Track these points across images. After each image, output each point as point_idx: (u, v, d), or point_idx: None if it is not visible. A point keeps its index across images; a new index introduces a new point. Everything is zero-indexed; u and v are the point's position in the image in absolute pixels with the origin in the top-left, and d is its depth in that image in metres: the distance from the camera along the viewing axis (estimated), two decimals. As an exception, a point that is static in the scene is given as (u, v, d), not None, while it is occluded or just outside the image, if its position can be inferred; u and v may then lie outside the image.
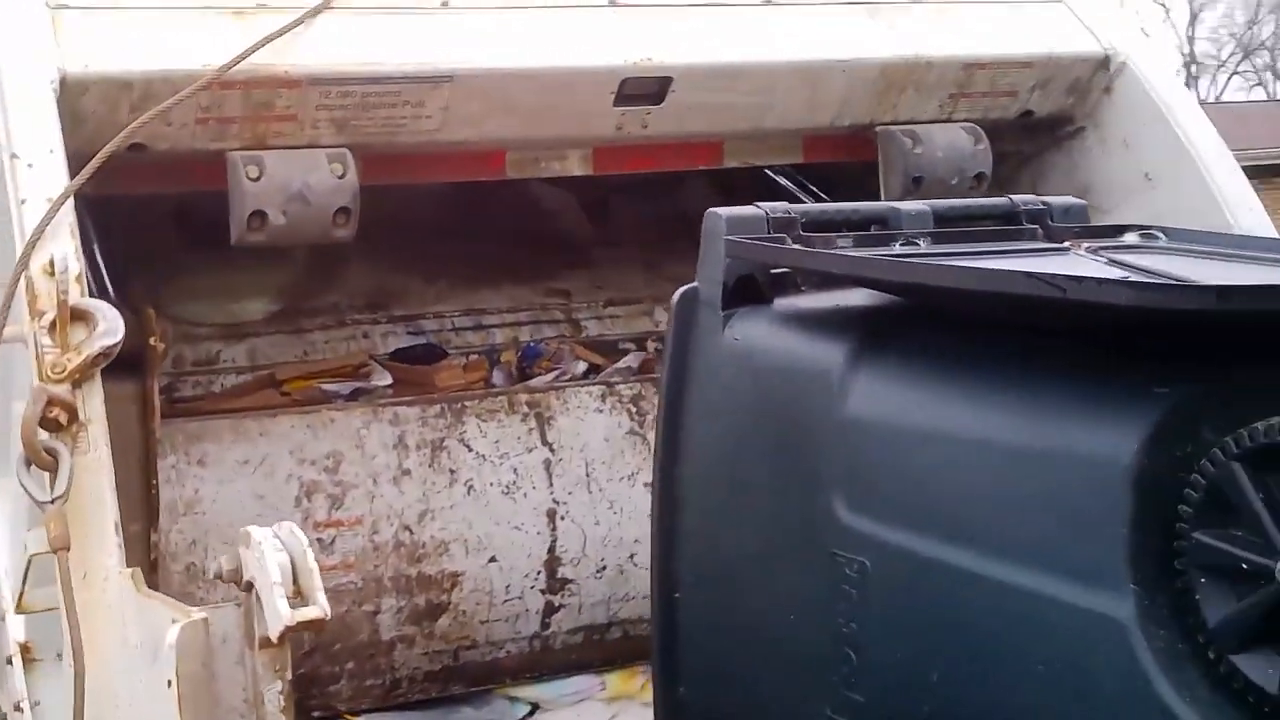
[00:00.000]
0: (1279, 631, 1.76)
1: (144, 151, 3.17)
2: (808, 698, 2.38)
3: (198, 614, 2.47)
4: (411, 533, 3.77)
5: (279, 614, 2.41)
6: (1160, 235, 2.70)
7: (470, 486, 3.83)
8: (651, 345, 4.36)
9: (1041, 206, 2.80)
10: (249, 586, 2.50)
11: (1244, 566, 1.78)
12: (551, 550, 3.91)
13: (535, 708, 4.08)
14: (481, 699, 4.02)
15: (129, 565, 2.65)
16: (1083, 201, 2.99)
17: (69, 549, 2.54)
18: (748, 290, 2.60)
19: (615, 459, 3.98)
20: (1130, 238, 2.70)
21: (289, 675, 2.50)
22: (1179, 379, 1.92)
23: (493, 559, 3.84)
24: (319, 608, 2.43)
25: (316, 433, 3.74)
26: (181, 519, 3.59)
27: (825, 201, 4.35)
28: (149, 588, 2.67)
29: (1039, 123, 4.02)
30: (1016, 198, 2.85)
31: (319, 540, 3.66)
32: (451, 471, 3.83)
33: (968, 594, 2.11)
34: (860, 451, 2.32)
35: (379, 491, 3.75)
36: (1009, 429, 2.11)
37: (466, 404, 3.92)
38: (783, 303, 2.59)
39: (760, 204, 2.67)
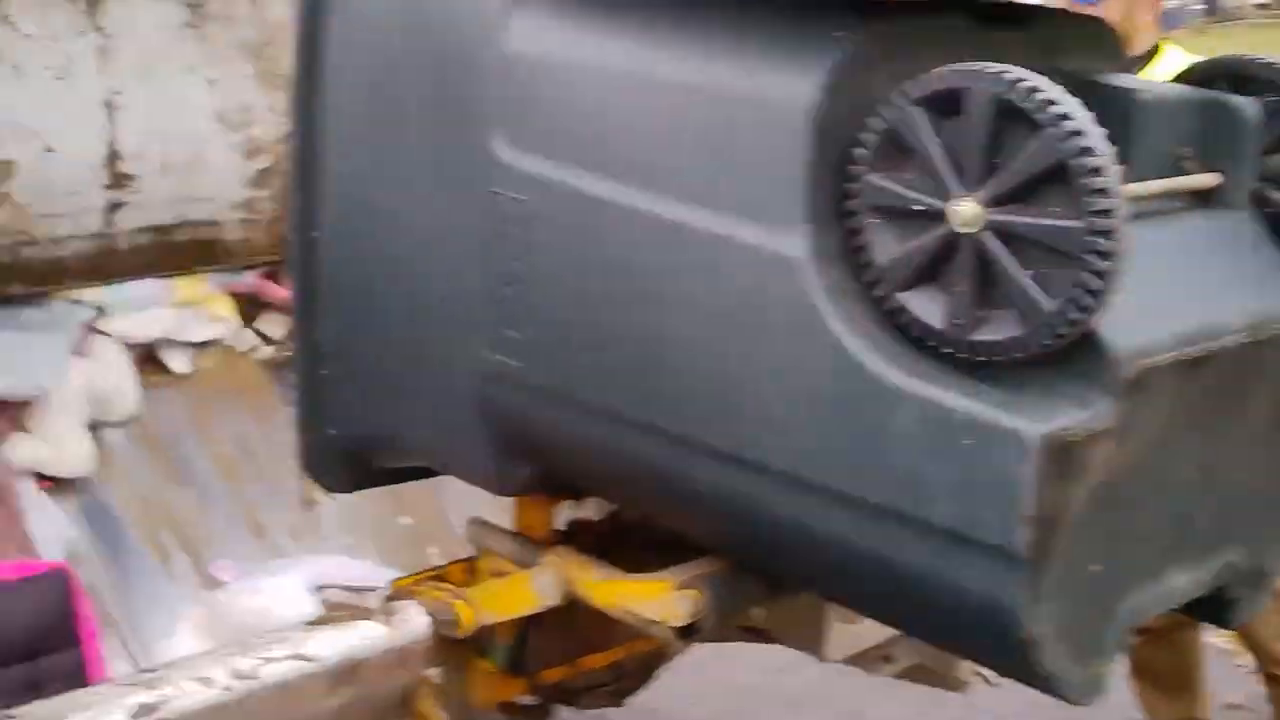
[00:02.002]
0: (943, 271, 1.82)
1: None
2: (463, 337, 2.33)
3: None
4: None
5: None
6: None
7: (17, 69, 3.60)
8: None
9: None
10: None
11: (915, 208, 1.82)
12: (111, 144, 3.74)
13: (100, 311, 3.96)
14: (43, 301, 3.87)
15: None
16: None
17: None
18: None
19: (173, 51, 3.83)
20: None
21: None
22: (861, 25, 1.95)
23: (49, 149, 3.65)
24: None
25: None
26: None
27: None
28: None
29: None
30: None
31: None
32: (-1, 50, 3.58)
33: (637, 232, 2.08)
34: (525, 85, 2.22)
35: None
36: (685, 67, 2.08)
37: None
38: None
39: None
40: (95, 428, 3.85)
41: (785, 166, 1.93)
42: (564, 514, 2.70)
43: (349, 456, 2.64)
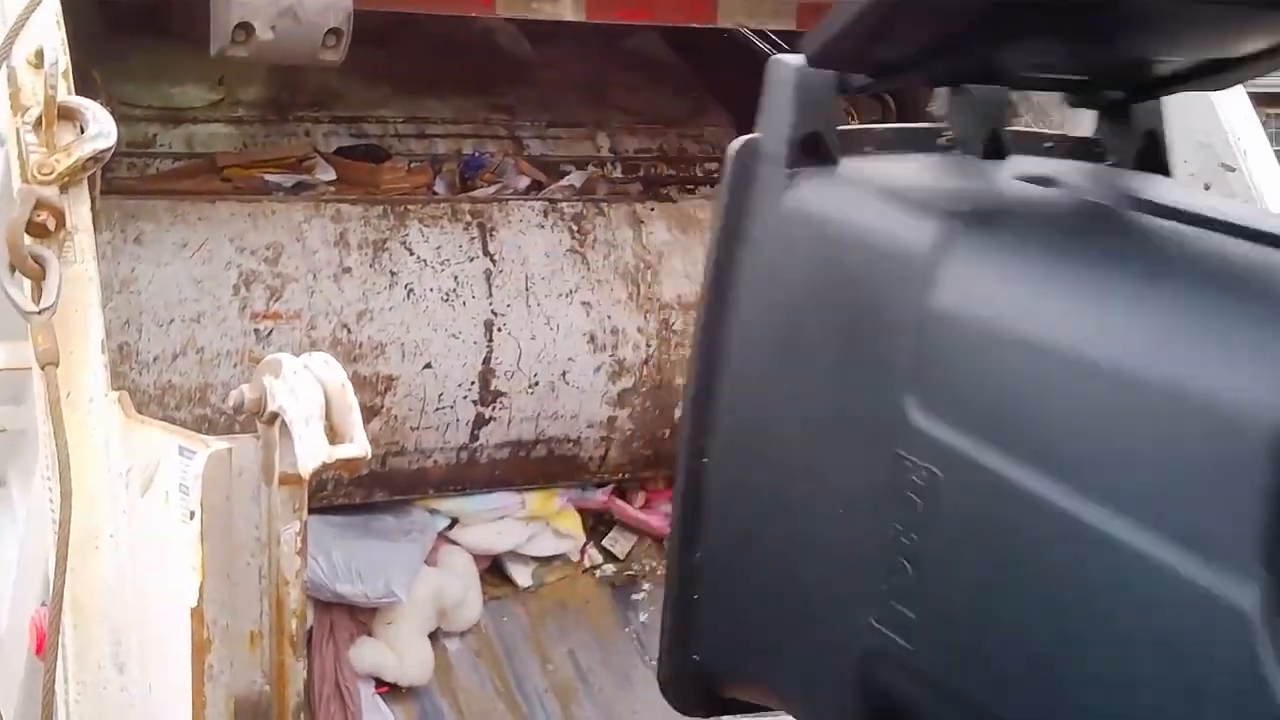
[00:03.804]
0: None
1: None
2: (850, 599, 2.11)
3: (219, 444, 2.23)
4: (349, 331, 3.64)
5: (316, 449, 2.20)
6: None
7: (410, 290, 3.72)
8: (592, 168, 4.28)
9: None
10: (273, 418, 2.29)
11: None
12: (486, 361, 3.82)
13: (455, 521, 4.03)
14: (403, 509, 3.96)
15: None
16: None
17: (58, 364, 2.30)
18: (816, 148, 2.29)
19: (554, 275, 3.89)
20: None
21: (306, 515, 2.33)
22: None
23: (428, 365, 3.74)
24: (359, 446, 2.23)
25: (257, 222, 3.57)
26: (116, 296, 3.43)
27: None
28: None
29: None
30: None
31: (255, 331, 3.55)
32: (392, 273, 3.70)
33: (1053, 532, 1.78)
34: (944, 347, 1.98)
35: (318, 287, 3.61)
36: (1132, 351, 1.77)
37: (410, 208, 3.78)
38: (853, 163, 2.30)
39: None
40: (435, 635, 3.90)
41: (1240, 496, 1.58)
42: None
43: (709, 681, 2.53)
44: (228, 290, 3.51)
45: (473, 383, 3.79)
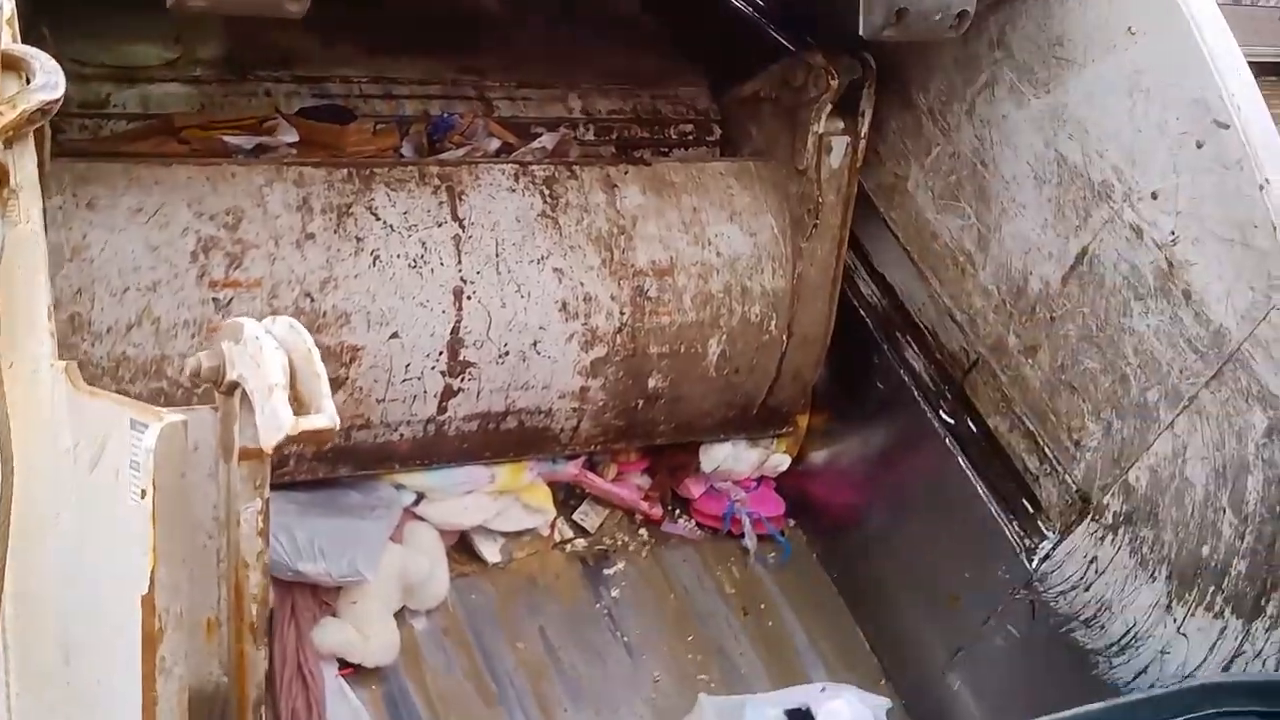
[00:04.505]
0: None
1: None
2: None
3: (173, 416, 2.04)
4: (313, 300, 3.49)
5: (279, 421, 2.01)
6: None
7: (376, 257, 3.57)
8: (563, 130, 4.14)
9: None
10: (232, 388, 2.13)
11: None
12: (455, 331, 3.68)
13: (421, 497, 3.91)
14: (368, 484, 3.83)
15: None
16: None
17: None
18: None
19: (525, 241, 3.75)
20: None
21: (268, 493, 2.18)
22: None
23: (394, 335, 3.60)
24: (327, 416, 2.04)
25: (216, 186, 3.40)
26: (67, 264, 3.27)
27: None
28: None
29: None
30: None
31: (214, 300, 3.39)
32: (358, 239, 3.55)
33: None
34: None
35: (280, 254, 3.45)
36: None
37: (375, 171, 3.61)
38: None
39: None
40: (401, 615, 3.79)
41: None
42: None
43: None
44: (185, 257, 3.34)
45: (440, 353, 3.65)
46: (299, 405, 2.06)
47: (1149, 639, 3.28)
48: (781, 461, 4.39)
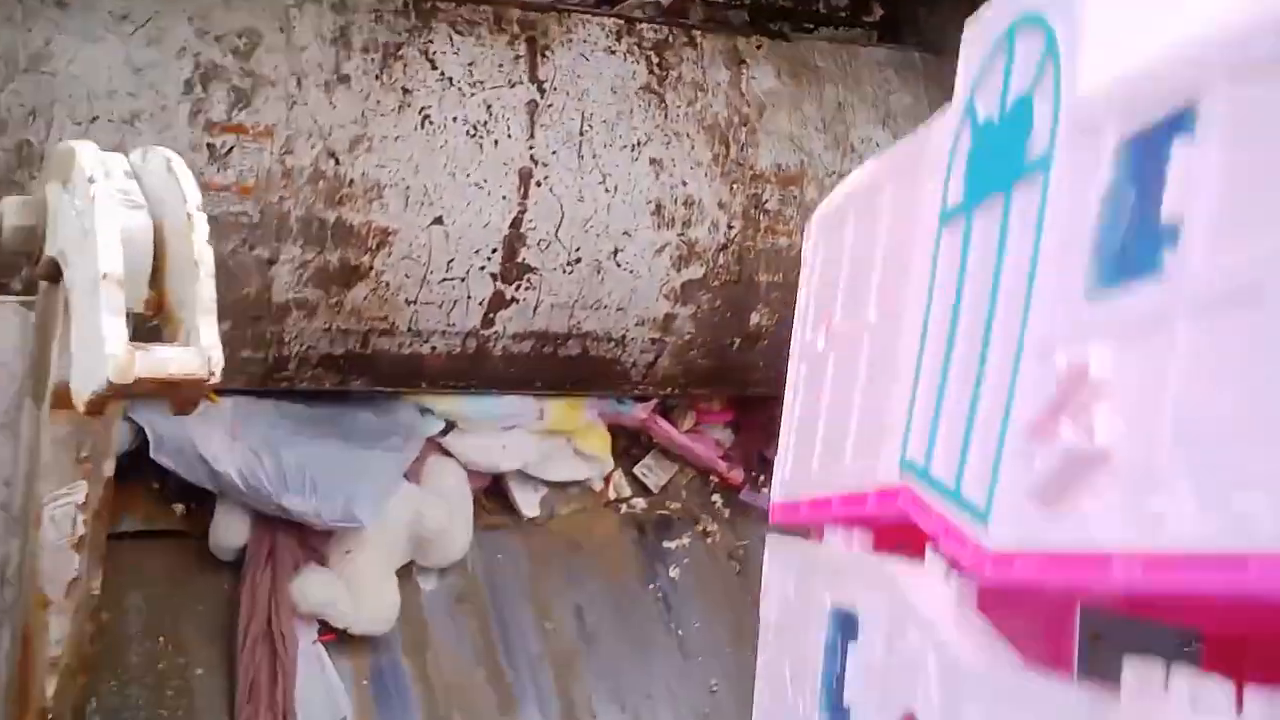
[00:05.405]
0: None
1: None
2: None
3: None
4: (338, 163, 2.73)
5: (103, 349, 1.16)
6: None
7: (426, 116, 2.78)
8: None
9: None
10: (54, 271, 1.28)
11: None
12: (516, 224, 2.89)
13: (451, 426, 3.15)
14: (386, 404, 3.07)
15: None
16: None
17: None
18: None
19: (620, 119, 2.97)
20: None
21: (110, 478, 1.40)
22: None
23: (438, 220, 2.82)
24: (197, 356, 1.21)
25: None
26: (21, 76, 2.50)
27: None
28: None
29: None
30: None
31: (210, 147, 2.63)
32: (405, 90, 2.78)
33: None
34: None
35: (302, 97, 2.70)
36: None
37: (440, 5, 2.87)
38: None
39: None
40: (408, 572, 3.04)
41: None
42: None
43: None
44: (178, 86, 2.66)
45: (494, 250, 2.89)
46: (166, 324, 1.22)
47: None
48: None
